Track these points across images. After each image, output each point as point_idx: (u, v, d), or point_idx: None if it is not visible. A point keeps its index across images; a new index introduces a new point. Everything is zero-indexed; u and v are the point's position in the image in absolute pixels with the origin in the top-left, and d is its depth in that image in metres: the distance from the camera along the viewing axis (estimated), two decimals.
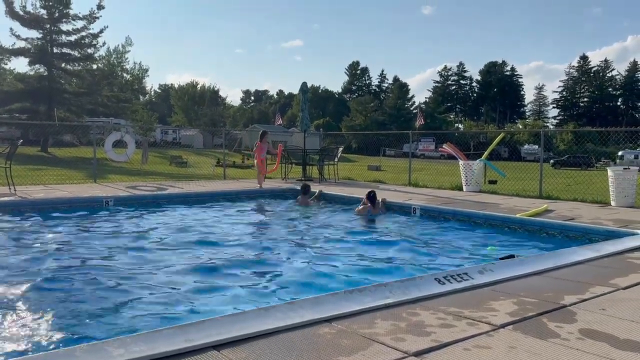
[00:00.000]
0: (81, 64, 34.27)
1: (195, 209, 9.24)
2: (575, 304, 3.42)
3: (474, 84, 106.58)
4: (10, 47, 31.54)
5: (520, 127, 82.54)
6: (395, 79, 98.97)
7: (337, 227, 7.63)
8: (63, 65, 33.49)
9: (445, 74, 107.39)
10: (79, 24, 32.44)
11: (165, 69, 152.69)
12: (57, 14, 31.51)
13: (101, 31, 33.16)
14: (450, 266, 5.12)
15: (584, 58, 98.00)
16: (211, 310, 3.78)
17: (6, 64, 37.10)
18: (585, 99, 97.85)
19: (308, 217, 8.80)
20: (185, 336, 2.63)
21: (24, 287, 4.23)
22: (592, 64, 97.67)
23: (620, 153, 39.67)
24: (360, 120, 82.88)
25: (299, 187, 10.86)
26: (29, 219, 7.50)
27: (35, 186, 11.23)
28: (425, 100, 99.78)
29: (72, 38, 32.48)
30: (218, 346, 2.58)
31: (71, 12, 31.90)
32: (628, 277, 4.19)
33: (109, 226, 7.32)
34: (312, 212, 9.24)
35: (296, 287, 4.49)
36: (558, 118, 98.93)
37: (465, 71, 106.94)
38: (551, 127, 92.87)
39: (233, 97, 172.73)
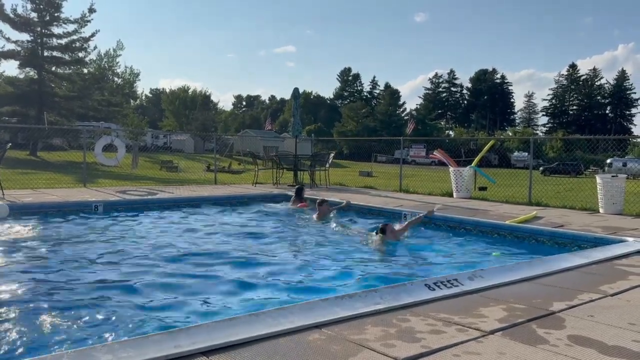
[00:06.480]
0: (72, 67, 34.15)
1: (186, 213, 9.19)
2: (564, 310, 3.44)
3: (465, 91, 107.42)
4: (0, 50, 31.33)
5: (510, 134, 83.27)
6: (387, 86, 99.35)
7: (333, 232, 7.62)
8: (53, 68, 33.35)
9: (436, 81, 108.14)
10: (70, 27, 32.38)
11: (157, 73, 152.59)
12: (48, 17, 31.36)
13: (92, 35, 33.09)
14: (441, 272, 5.13)
15: (573, 67, 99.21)
16: (201, 315, 3.76)
17: None
18: (575, 107, 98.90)
19: (305, 223, 8.69)
20: (175, 342, 2.61)
21: (8, 292, 4.18)
22: (581, 72, 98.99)
23: (608, 161, 40.03)
24: (351, 126, 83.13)
25: (289, 193, 10.80)
26: (16, 223, 7.42)
27: (24, 190, 11.12)
28: (417, 107, 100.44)
29: (63, 41, 32.35)
30: (207, 352, 2.57)
31: (62, 15, 31.80)
32: (616, 283, 4.22)
33: (98, 230, 7.26)
34: (309, 217, 9.11)
35: (287, 292, 4.47)
36: (547, 126, 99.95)
37: (456, 78, 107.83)
38: (541, 134, 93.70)
39: (225, 102, 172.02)
